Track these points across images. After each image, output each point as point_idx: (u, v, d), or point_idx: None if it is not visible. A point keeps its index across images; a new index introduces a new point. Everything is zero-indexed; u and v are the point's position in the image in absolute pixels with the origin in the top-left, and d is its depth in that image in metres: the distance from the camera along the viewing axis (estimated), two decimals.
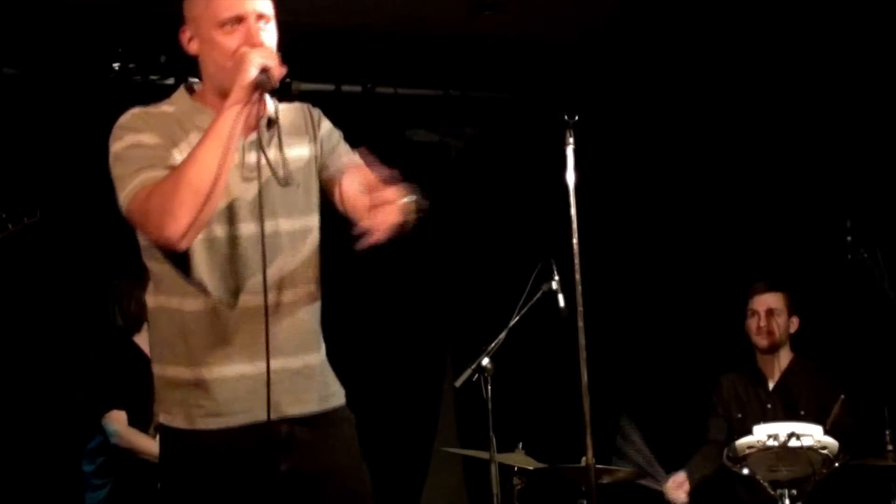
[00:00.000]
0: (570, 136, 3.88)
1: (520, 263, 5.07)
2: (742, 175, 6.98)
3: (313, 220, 3.12)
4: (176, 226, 2.82)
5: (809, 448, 4.92)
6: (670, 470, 5.53)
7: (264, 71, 2.86)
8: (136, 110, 3.05)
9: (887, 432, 5.00)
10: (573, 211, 3.86)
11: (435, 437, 7.29)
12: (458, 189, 7.08)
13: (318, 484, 3.03)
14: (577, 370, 3.80)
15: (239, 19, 2.97)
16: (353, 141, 3.24)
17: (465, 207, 7.17)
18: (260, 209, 2.95)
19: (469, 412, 6.28)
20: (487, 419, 4.91)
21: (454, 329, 7.06)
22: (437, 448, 7.23)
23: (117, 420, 5.25)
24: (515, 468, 5.34)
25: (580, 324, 3.82)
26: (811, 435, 4.93)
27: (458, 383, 5.04)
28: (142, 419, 5.21)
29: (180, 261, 2.95)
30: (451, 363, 7.04)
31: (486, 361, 4.92)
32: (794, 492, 4.96)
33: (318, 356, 3.13)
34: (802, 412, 5.42)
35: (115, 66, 6.39)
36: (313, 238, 3.11)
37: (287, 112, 3.13)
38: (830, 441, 4.96)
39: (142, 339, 5.37)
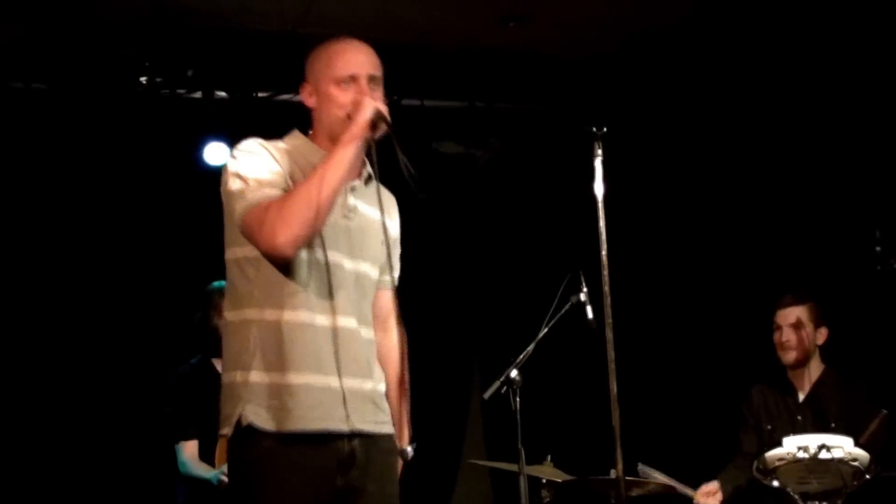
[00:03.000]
0: (599, 147, 3.88)
1: (548, 275, 5.06)
2: (771, 185, 6.96)
3: (390, 282, 3.57)
4: (287, 234, 3.18)
5: (840, 460, 4.88)
6: (700, 481, 5.51)
7: (378, 114, 3.28)
8: (256, 139, 3.41)
9: None
10: (602, 222, 3.85)
11: (463, 449, 7.29)
12: (485, 201, 7.09)
13: (363, 497, 3.34)
14: (605, 382, 3.78)
15: (353, 78, 3.39)
16: (379, 152, 3.41)
17: (493, 219, 7.18)
18: (391, 246, 3.43)
19: (497, 424, 6.28)
20: (516, 431, 4.90)
21: (482, 341, 7.06)
22: (465, 460, 7.23)
23: (188, 450, 5.29)
24: (544, 480, 5.33)
25: (609, 335, 3.80)
26: (842, 447, 4.90)
27: (486, 395, 5.03)
28: (209, 443, 5.24)
29: (286, 276, 3.29)
30: (479, 375, 7.04)
31: (514, 373, 4.91)
32: None
33: (382, 384, 3.49)
34: (833, 424, 5.38)
35: (143, 80, 6.43)
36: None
37: (382, 187, 3.54)
38: (861, 453, 4.93)
39: (219, 362, 5.42)
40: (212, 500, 5.18)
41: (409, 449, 3.50)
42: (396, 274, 3.62)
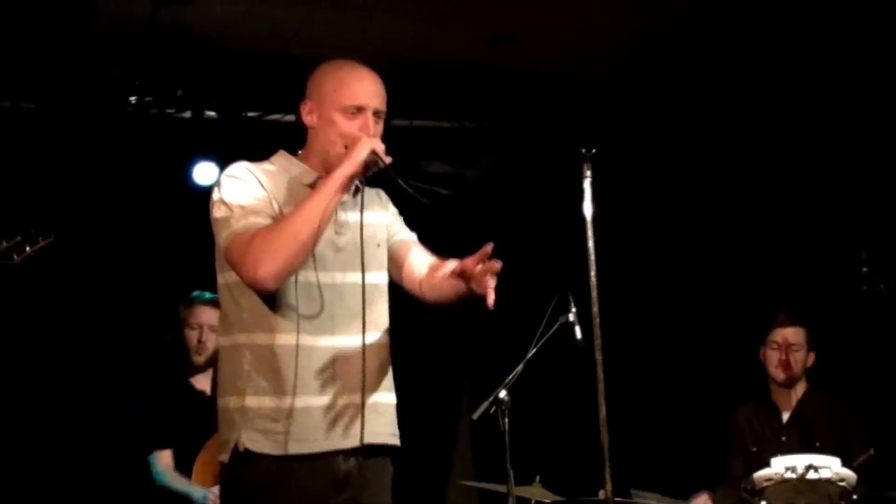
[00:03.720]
0: (588, 168, 3.89)
1: (537, 295, 5.06)
2: (758, 206, 6.99)
3: (385, 277, 3.51)
4: (272, 267, 3.16)
5: (827, 480, 4.90)
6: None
7: (374, 154, 3.25)
8: (243, 163, 3.37)
9: None
10: (591, 243, 3.86)
11: (451, 469, 7.28)
12: (473, 221, 7.09)
13: None
14: (594, 403, 3.79)
15: (360, 109, 3.35)
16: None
17: (481, 239, 7.17)
18: (361, 260, 3.35)
19: (486, 445, 6.27)
20: (504, 452, 4.89)
21: (471, 361, 7.06)
22: (453, 481, 7.22)
23: (163, 461, 5.28)
24: (533, 502, 5.33)
25: (598, 356, 3.81)
26: (829, 467, 4.91)
27: (475, 416, 5.02)
28: (184, 455, 5.24)
29: (275, 300, 3.26)
30: (467, 395, 7.03)
31: (503, 394, 4.90)
32: None
33: (388, 396, 3.44)
34: (818, 444, 5.40)
35: (132, 99, 6.44)
36: (385, 290, 3.50)
37: (367, 190, 3.49)
38: (849, 473, 4.94)
39: (197, 380, 5.46)
40: None
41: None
42: (412, 234, 3.61)
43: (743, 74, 6.52)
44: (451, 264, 3.33)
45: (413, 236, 3.62)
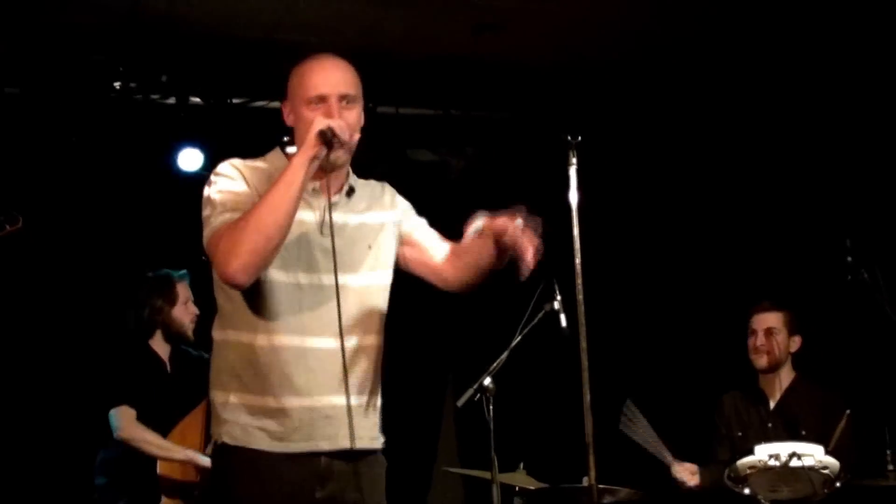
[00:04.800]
0: (574, 156, 3.88)
1: (522, 283, 5.06)
2: (743, 195, 7.00)
3: (382, 278, 3.48)
4: (238, 262, 3.13)
5: (811, 468, 4.91)
6: (673, 490, 5.54)
7: (327, 131, 3.21)
8: (233, 160, 3.37)
9: (888, 452, 5.00)
10: (576, 231, 3.86)
11: (436, 456, 7.29)
12: (459, 209, 7.07)
13: None
14: (579, 390, 3.79)
15: (322, 98, 3.32)
16: (354, 160, 3.43)
17: (465, 227, 7.18)
18: (333, 262, 3.29)
19: (471, 432, 6.27)
20: (489, 439, 4.90)
21: (456, 349, 7.06)
22: (438, 468, 7.23)
23: (125, 414, 5.25)
24: (517, 488, 5.34)
25: (583, 344, 3.81)
26: (812, 455, 4.93)
27: (460, 403, 5.03)
28: (149, 420, 5.23)
29: (263, 300, 3.27)
30: (452, 383, 7.04)
31: (487, 381, 4.91)
32: None
33: (373, 399, 3.42)
34: (804, 432, 5.41)
35: (117, 85, 6.43)
36: (381, 293, 3.47)
37: (367, 186, 3.54)
38: (832, 461, 4.96)
39: (156, 344, 5.49)
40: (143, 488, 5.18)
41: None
42: (424, 223, 3.61)
43: (728, 64, 6.54)
44: (481, 222, 3.38)
45: (423, 225, 3.62)
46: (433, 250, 3.55)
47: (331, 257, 3.30)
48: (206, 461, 5.00)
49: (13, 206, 6.31)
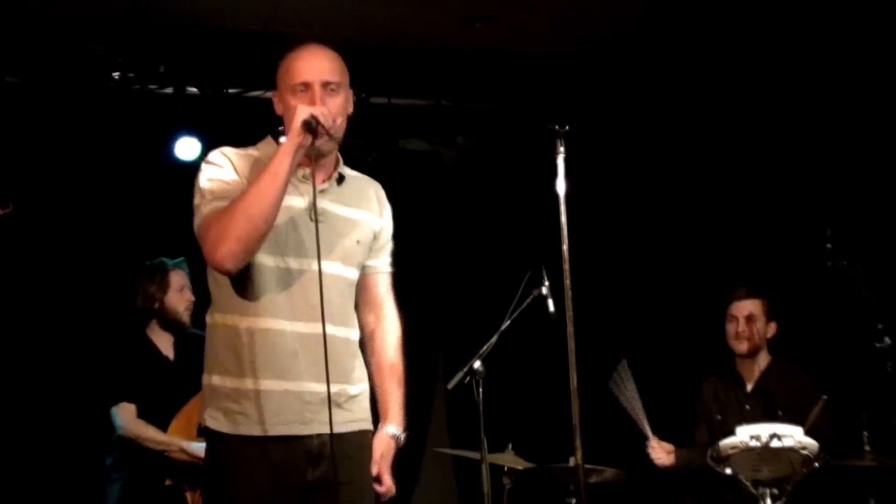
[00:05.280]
0: (561, 145, 3.91)
1: (511, 269, 5.10)
2: (726, 184, 7.02)
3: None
4: (226, 249, 3.15)
5: (790, 449, 4.95)
6: (654, 470, 5.58)
7: (311, 119, 3.22)
8: (224, 149, 3.38)
9: (865, 434, 5.03)
10: (563, 218, 3.88)
11: (428, 437, 7.31)
12: (451, 197, 7.11)
13: (337, 492, 3.29)
14: (566, 373, 3.82)
15: (306, 85, 3.33)
16: (348, 149, 3.46)
17: (457, 215, 7.20)
18: (317, 247, 3.27)
19: (461, 414, 6.29)
20: (479, 420, 4.93)
21: (447, 333, 7.08)
22: (429, 448, 7.25)
23: (125, 411, 5.29)
24: (505, 468, 5.37)
25: (570, 328, 3.84)
26: (792, 436, 4.97)
27: (450, 386, 5.05)
28: (151, 412, 5.26)
29: (251, 284, 3.27)
30: (443, 366, 7.06)
31: (477, 364, 4.93)
32: (776, 491, 4.99)
33: (358, 384, 3.46)
34: (780, 413, 5.46)
35: (115, 75, 6.42)
36: (355, 286, 3.50)
37: (359, 180, 3.55)
38: (810, 442, 5.00)
39: (153, 333, 5.49)
40: (144, 476, 5.21)
41: (400, 434, 3.58)
42: (387, 260, 3.63)
43: (712, 56, 6.54)
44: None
45: (385, 266, 3.66)
46: (371, 302, 3.62)
47: (317, 243, 3.29)
48: (196, 450, 5.04)
49: (12, 194, 6.33)
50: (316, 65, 3.36)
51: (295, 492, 3.27)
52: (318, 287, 3.25)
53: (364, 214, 3.49)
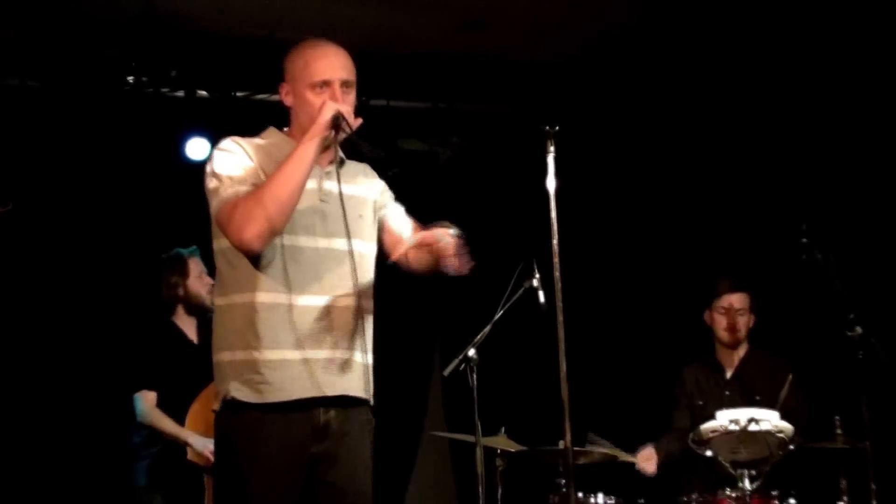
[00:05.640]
0: (551, 144, 3.88)
1: (503, 262, 5.06)
2: (707, 183, 7.02)
3: (370, 248, 3.51)
4: (254, 229, 3.18)
5: (767, 432, 4.96)
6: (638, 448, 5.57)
7: (339, 115, 3.26)
8: (233, 137, 3.38)
9: (837, 418, 5.03)
10: (553, 214, 3.86)
11: (425, 421, 7.30)
12: (446, 194, 7.08)
13: (336, 463, 3.35)
14: (556, 360, 3.80)
15: (326, 83, 3.36)
16: (350, 148, 3.44)
17: (453, 211, 7.15)
18: (346, 226, 3.37)
19: (456, 399, 6.28)
20: (473, 405, 4.89)
21: (443, 323, 7.06)
22: (426, 432, 7.24)
23: (146, 399, 5.30)
24: (498, 450, 5.34)
25: (559, 318, 3.82)
26: (769, 420, 4.97)
27: (446, 372, 5.02)
28: (176, 394, 5.24)
29: (265, 263, 3.28)
30: (439, 354, 7.04)
31: (472, 352, 4.90)
32: (753, 472, 4.99)
33: (363, 355, 3.41)
34: (758, 398, 5.46)
35: (130, 79, 6.41)
36: (370, 260, 3.50)
37: (354, 164, 3.56)
38: (786, 426, 5.00)
39: (179, 318, 5.52)
40: (175, 470, 5.20)
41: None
42: (394, 205, 3.62)
43: (694, 60, 6.54)
44: (411, 240, 3.37)
45: (399, 208, 3.64)
46: (400, 230, 3.55)
47: (328, 221, 3.36)
48: (198, 446, 5.04)
49: (33, 192, 6.34)
50: (337, 63, 3.39)
51: (303, 464, 3.30)
52: (327, 262, 3.33)
53: (362, 189, 3.51)
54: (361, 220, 3.46)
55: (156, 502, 5.27)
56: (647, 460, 5.55)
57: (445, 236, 3.33)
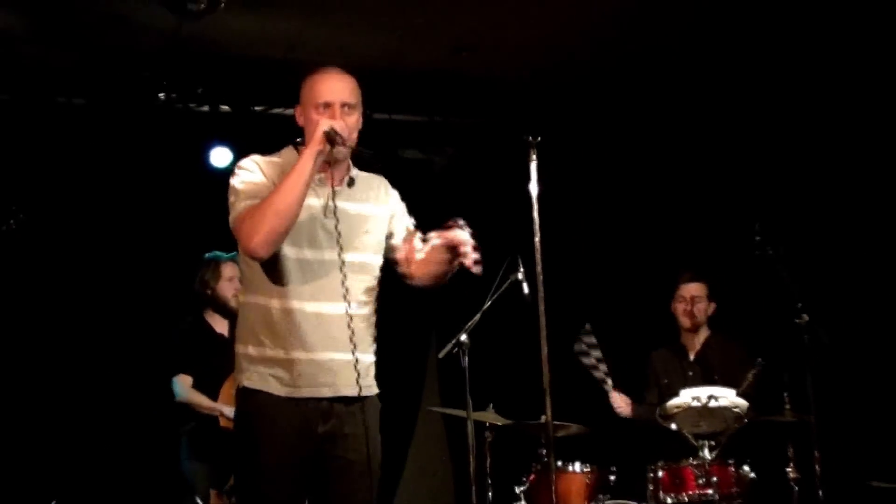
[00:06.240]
0: (533, 154, 3.90)
1: (491, 258, 5.07)
2: (671, 186, 7.02)
3: (375, 259, 3.47)
4: (258, 238, 3.18)
5: (725, 408, 4.98)
6: (612, 428, 5.58)
7: (331, 130, 3.26)
8: (253, 156, 3.39)
9: (786, 394, 5.05)
10: (535, 215, 3.88)
11: (421, 398, 7.31)
12: (441, 197, 7.09)
13: (343, 440, 3.35)
14: (538, 345, 3.82)
15: (327, 104, 3.34)
16: (356, 157, 3.46)
17: (446, 213, 7.17)
18: (338, 242, 3.31)
19: (450, 378, 6.30)
20: (465, 384, 4.93)
21: (438, 311, 7.07)
22: (423, 408, 7.25)
23: (183, 381, 5.37)
24: (487, 424, 5.36)
25: (541, 307, 3.85)
26: (727, 397, 4.99)
27: (441, 355, 5.06)
28: (207, 380, 5.30)
29: (278, 271, 3.28)
30: (435, 339, 7.05)
31: (464, 337, 4.93)
32: (712, 442, 5.01)
33: (366, 355, 3.41)
34: (717, 377, 5.47)
35: (161, 96, 6.42)
36: (374, 271, 3.47)
37: (367, 178, 3.52)
38: (742, 402, 5.02)
39: (209, 315, 5.54)
40: (210, 440, 5.23)
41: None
42: (409, 230, 3.58)
43: (653, 79, 6.56)
44: (434, 239, 3.40)
45: (408, 227, 3.59)
46: (410, 254, 3.55)
47: (332, 236, 3.32)
48: (231, 413, 5.06)
49: (77, 197, 6.39)
50: (338, 87, 3.37)
51: (311, 441, 3.30)
52: (332, 273, 3.31)
53: (372, 207, 3.47)
54: (368, 235, 3.44)
55: (196, 469, 5.34)
56: (623, 402, 5.60)
57: (464, 234, 3.38)
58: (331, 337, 3.30)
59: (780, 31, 5.85)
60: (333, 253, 3.32)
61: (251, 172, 3.33)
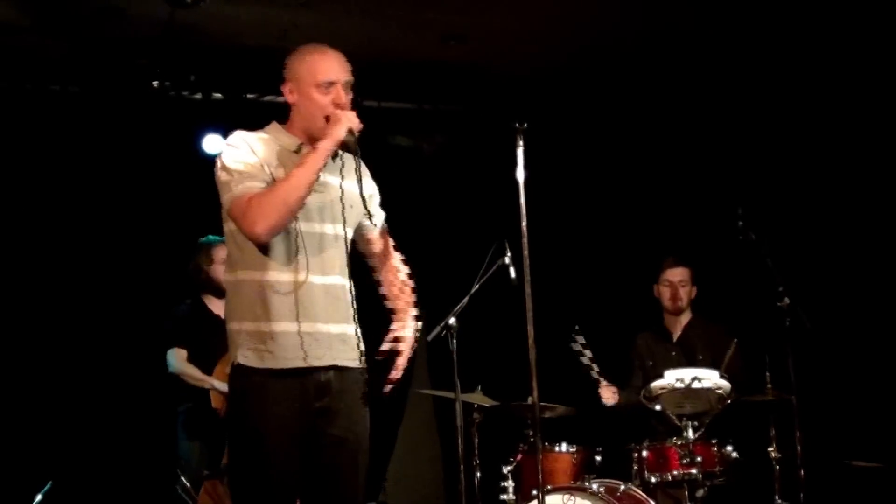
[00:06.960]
0: (520, 140, 3.89)
1: (479, 243, 5.08)
2: (656, 174, 7.04)
3: (352, 232, 3.45)
4: (265, 225, 3.15)
5: (708, 389, 5.00)
6: (599, 412, 5.60)
7: (351, 132, 3.23)
8: (240, 133, 3.32)
9: (767, 375, 5.06)
10: (522, 201, 3.87)
11: (411, 380, 7.30)
12: (430, 184, 7.09)
13: (336, 417, 3.31)
14: (525, 327, 3.81)
15: (331, 83, 3.28)
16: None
17: (436, 198, 7.18)
18: (343, 216, 3.32)
19: (438, 361, 6.29)
20: (453, 366, 4.93)
21: (427, 294, 7.06)
22: (412, 390, 7.25)
23: (177, 354, 5.37)
24: (475, 405, 5.36)
25: (528, 290, 3.84)
26: (710, 378, 5.01)
27: (429, 338, 5.05)
28: (201, 357, 5.29)
29: (266, 245, 3.22)
30: (424, 322, 7.04)
31: (452, 320, 4.93)
32: (696, 423, 5.03)
33: (352, 327, 3.38)
34: (700, 358, 5.49)
35: (154, 83, 6.39)
36: (349, 242, 3.42)
37: (347, 158, 3.42)
38: (724, 383, 5.04)
39: (205, 297, 5.56)
40: (206, 420, 5.21)
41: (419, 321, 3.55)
42: (380, 218, 3.56)
43: (640, 69, 6.56)
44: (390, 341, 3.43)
45: (379, 223, 3.56)
46: (376, 253, 3.56)
47: (324, 209, 3.30)
48: (224, 388, 5.04)
49: (72, 183, 6.36)
50: (339, 65, 3.32)
51: (306, 416, 3.26)
52: (322, 245, 3.29)
53: (353, 185, 3.40)
54: (352, 209, 3.41)
55: (192, 448, 5.35)
56: (609, 391, 5.61)
57: (406, 343, 3.44)
58: (324, 309, 3.27)
59: (761, 19, 5.85)
60: (322, 225, 3.30)
61: (242, 151, 3.27)
